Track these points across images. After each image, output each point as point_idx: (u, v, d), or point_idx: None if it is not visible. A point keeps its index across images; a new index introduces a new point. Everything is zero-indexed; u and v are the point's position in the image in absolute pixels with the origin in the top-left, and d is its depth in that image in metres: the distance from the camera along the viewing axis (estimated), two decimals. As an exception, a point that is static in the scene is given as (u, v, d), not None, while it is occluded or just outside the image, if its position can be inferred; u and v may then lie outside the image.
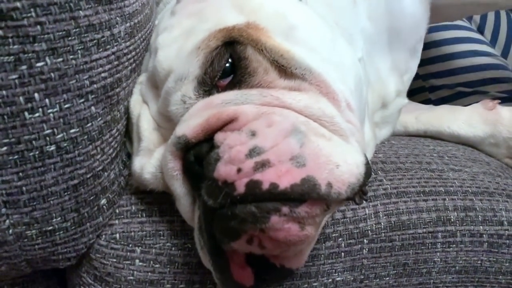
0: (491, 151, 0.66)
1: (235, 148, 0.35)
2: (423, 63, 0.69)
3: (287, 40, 0.41)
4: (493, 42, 0.85)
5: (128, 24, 0.42)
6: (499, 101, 0.66)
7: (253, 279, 0.38)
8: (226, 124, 0.37)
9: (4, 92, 0.33)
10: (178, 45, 0.42)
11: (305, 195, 0.33)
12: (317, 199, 0.33)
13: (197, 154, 0.37)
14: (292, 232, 0.33)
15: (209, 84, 0.39)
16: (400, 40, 0.60)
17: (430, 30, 0.78)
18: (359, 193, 0.35)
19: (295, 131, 0.35)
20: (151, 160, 0.42)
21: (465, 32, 0.82)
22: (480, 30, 0.86)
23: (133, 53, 0.44)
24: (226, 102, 0.38)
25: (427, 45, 0.73)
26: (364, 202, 0.50)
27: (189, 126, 0.38)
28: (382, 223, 0.50)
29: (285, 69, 0.39)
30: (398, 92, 0.62)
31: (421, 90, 0.82)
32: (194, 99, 0.39)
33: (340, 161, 0.34)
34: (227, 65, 0.40)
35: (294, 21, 0.42)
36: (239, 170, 0.34)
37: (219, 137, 0.37)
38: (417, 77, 0.69)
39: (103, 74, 0.39)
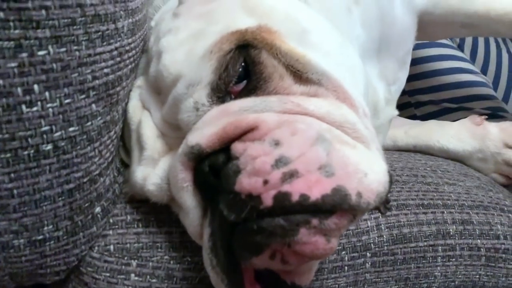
0: (479, 166, 0.67)
1: (260, 159, 0.32)
2: (409, 79, 0.69)
3: (300, 45, 0.39)
4: (472, 59, 0.88)
5: (130, 20, 0.39)
6: (486, 116, 0.68)
7: None
8: (244, 133, 0.35)
9: (1, 82, 0.30)
10: (186, 48, 0.39)
11: (337, 206, 0.31)
12: (347, 210, 0.32)
13: (211, 165, 0.35)
14: (319, 245, 0.32)
15: (223, 90, 0.37)
16: (389, 49, 0.61)
17: (416, 47, 0.80)
18: (383, 202, 0.34)
19: (321, 139, 0.33)
20: (155, 170, 0.39)
21: (449, 50, 0.84)
22: (460, 48, 0.89)
23: (134, 51, 0.41)
24: (244, 109, 0.36)
25: (413, 61, 0.74)
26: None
27: (203, 135, 0.35)
28: (385, 236, 0.49)
29: (300, 74, 0.38)
30: (387, 101, 0.62)
31: (407, 106, 0.83)
32: (207, 106, 0.37)
33: (368, 169, 0.33)
34: (240, 69, 0.37)
35: (306, 25, 0.41)
36: (265, 182, 0.31)
37: (237, 147, 0.34)
38: (403, 92, 0.70)
39: (105, 70, 0.36)
